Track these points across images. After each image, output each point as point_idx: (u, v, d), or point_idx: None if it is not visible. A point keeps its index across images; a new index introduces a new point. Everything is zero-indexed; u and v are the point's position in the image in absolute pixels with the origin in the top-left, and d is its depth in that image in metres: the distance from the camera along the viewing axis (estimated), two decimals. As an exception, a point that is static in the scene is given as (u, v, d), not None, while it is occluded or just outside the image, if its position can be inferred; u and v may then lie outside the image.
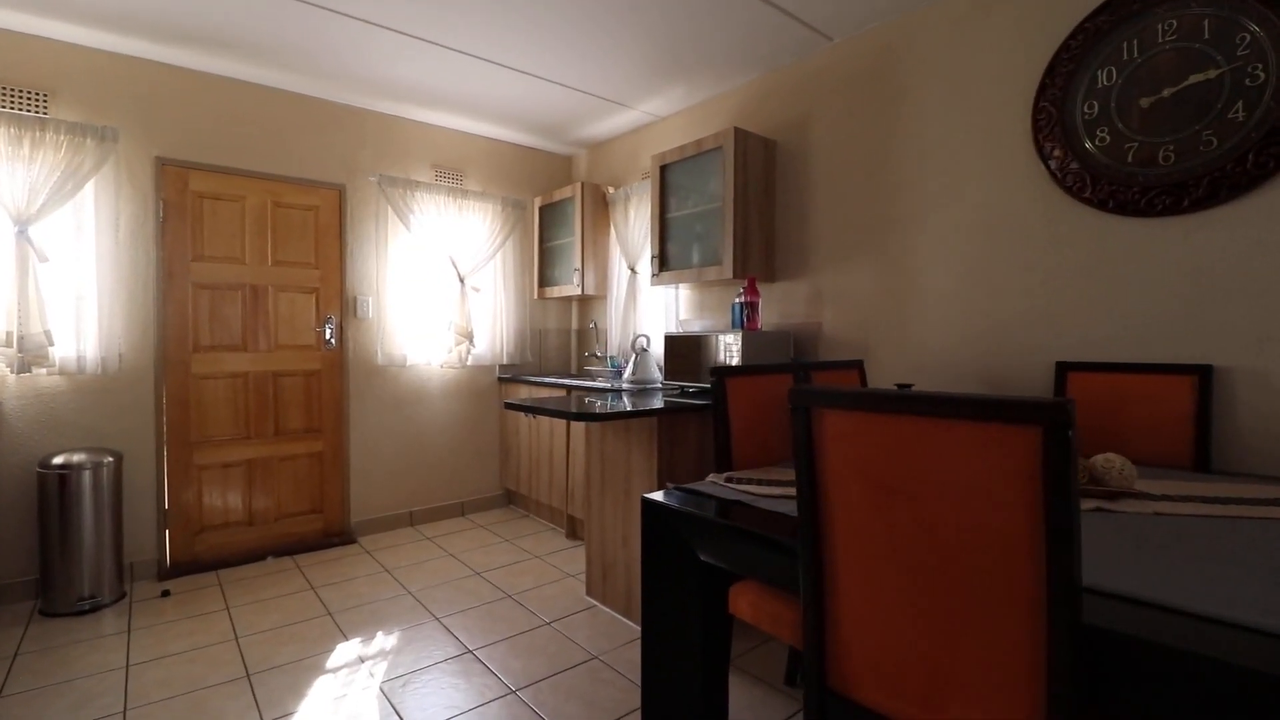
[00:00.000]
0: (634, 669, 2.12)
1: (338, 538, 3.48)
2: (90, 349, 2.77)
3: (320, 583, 2.89)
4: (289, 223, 3.35)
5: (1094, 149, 2.05)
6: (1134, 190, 1.97)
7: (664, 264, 3.21)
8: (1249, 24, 1.76)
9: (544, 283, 4.26)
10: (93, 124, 2.73)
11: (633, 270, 3.74)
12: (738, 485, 1.56)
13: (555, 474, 3.59)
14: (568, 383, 3.57)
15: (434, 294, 3.83)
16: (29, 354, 2.59)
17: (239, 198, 3.20)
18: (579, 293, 3.90)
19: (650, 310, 3.76)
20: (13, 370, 2.58)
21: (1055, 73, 2.13)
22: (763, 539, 1.24)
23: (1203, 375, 1.82)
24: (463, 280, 3.84)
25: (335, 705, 1.92)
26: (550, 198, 4.13)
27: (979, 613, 0.86)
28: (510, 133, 4.02)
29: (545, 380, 3.75)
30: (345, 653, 2.24)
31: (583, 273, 3.87)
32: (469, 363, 3.91)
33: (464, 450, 4.02)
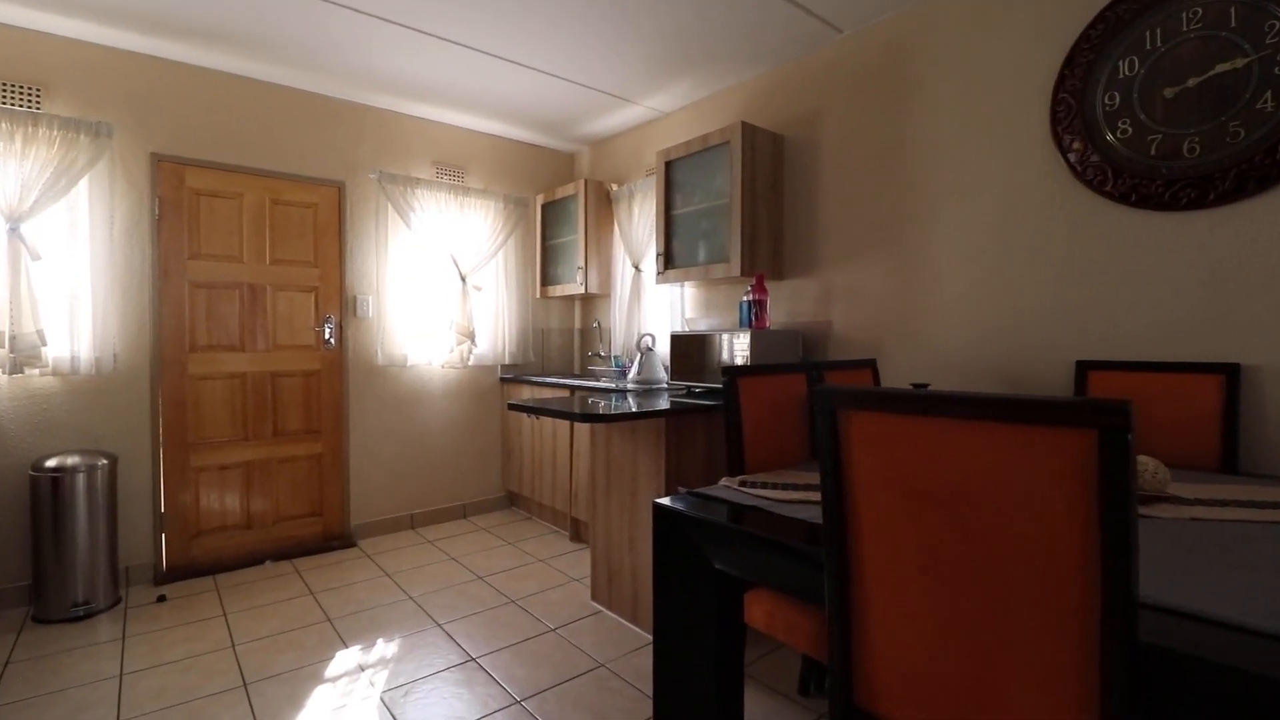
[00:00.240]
0: (642, 678, 2.06)
1: (337, 541, 3.42)
2: (84, 349, 2.71)
3: (319, 587, 2.83)
4: (287, 220, 3.29)
5: (1116, 141, 1.99)
6: (1157, 183, 1.91)
7: (669, 262, 3.15)
8: (1278, 11, 1.70)
9: (546, 281, 4.20)
10: (87, 119, 2.67)
11: (637, 268, 3.68)
12: (752, 489, 1.51)
13: (559, 476, 3.53)
14: (571, 383, 3.51)
15: (435, 293, 3.77)
16: (21, 354, 2.53)
17: (236, 195, 3.14)
18: (582, 291, 3.84)
19: (655, 309, 3.70)
20: (5, 371, 2.52)
21: (1074, 63, 2.07)
22: (782, 547, 1.18)
23: (1229, 374, 1.76)
24: (464, 279, 3.78)
25: (334, 716, 1.86)
26: (552, 195, 4.08)
27: (1023, 629, 0.80)
28: (512, 129, 3.97)
29: (548, 380, 3.69)
30: (345, 661, 2.18)
31: (586, 271, 3.81)
32: (470, 363, 3.85)
33: (465, 451, 3.96)
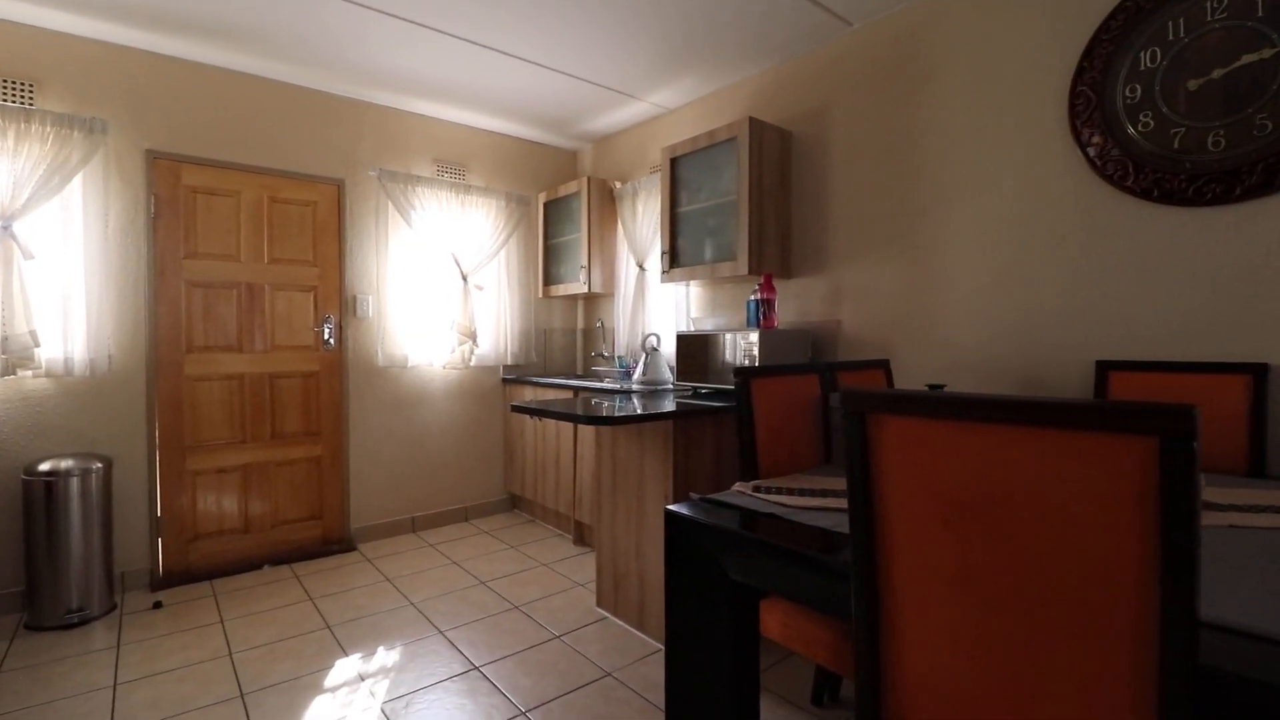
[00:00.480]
0: (650, 688, 2.00)
1: (337, 545, 3.36)
2: (78, 350, 2.65)
3: (318, 593, 2.78)
4: (286, 219, 3.23)
5: (1137, 135, 1.93)
6: (1181, 178, 1.86)
7: (675, 260, 3.09)
8: (1309, -1, 1.65)
9: (549, 281, 4.14)
10: (81, 115, 2.61)
11: (641, 267, 3.62)
12: (767, 495, 1.45)
13: (562, 478, 3.47)
14: (575, 384, 3.45)
15: (436, 292, 3.71)
16: (14, 355, 2.47)
17: (234, 193, 3.09)
18: (585, 291, 3.78)
19: (659, 308, 3.64)
20: (-4, 372, 2.47)
21: (1093, 55, 2.01)
22: (803, 557, 1.12)
23: (1257, 374, 1.71)
24: (465, 278, 3.73)
25: (334, 728, 1.81)
26: (555, 193, 4.02)
27: (1072, 649, 0.74)
28: (514, 126, 3.91)
29: (551, 381, 3.63)
30: (344, 670, 2.12)
31: (589, 270, 3.75)
32: (472, 363, 3.79)
33: (467, 454, 3.91)
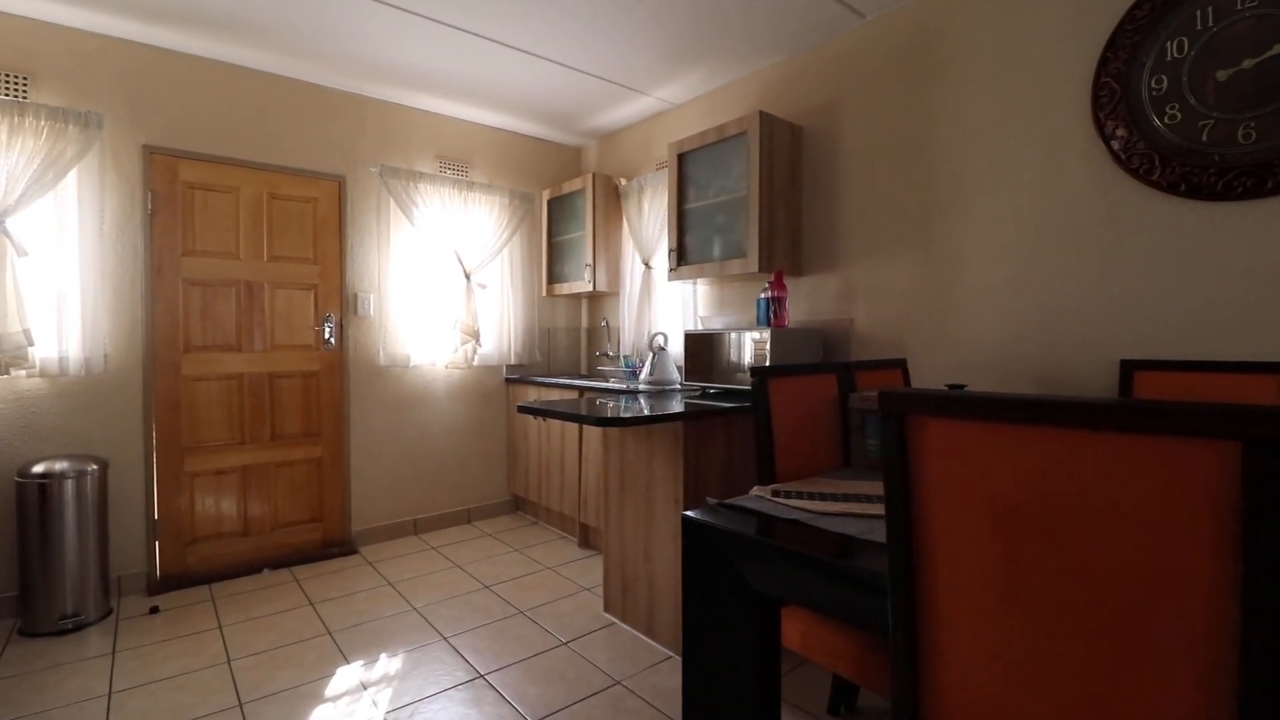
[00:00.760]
0: (661, 696, 1.94)
1: (338, 548, 3.30)
2: (73, 349, 2.59)
3: (319, 597, 2.72)
4: (286, 215, 3.17)
5: (1163, 127, 1.87)
6: (1210, 172, 1.80)
7: (682, 258, 3.03)
8: (1346, -15, 1.59)
9: (553, 279, 4.08)
10: (76, 109, 2.55)
11: (647, 265, 3.56)
12: (787, 500, 1.39)
13: (567, 480, 3.41)
14: (580, 384, 3.39)
15: (438, 291, 3.66)
16: (7, 355, 2.41)
17: (232, 189, 3.03)
18: (590, 289, 3.72)
19: (666, 307, 3.58)
20: (-11, 372, 2.41)
21: (1117, 45, 1.95)
22: (832, 568, 1.06)
23: (1291, 374, 1.65)
24: (468, 276, 3.67)
25: (335, 740, 1.75)
26: (559, 190, 3.96)
27: (1135, 672, 0.68)
28: (517, 122, 3.85)
29: (556, 381, 3.57)
30: (346, 678, 2.06)
31: (594, 268, 3.69)
32: (475, 363, 3.73)
33: (470, 455, 3.85)
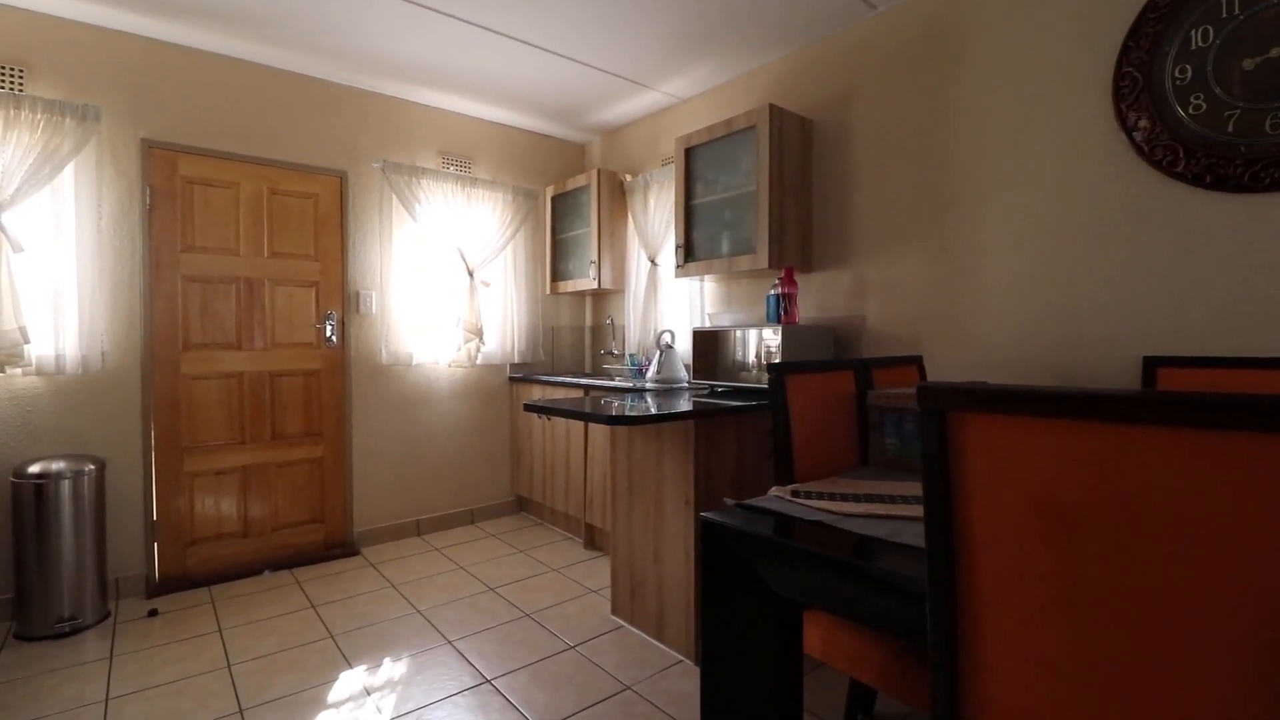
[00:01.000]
0: (672, 702, 1.89)
1: (339, 549, 3.25)
2: (70, 347, 2.54)
3: (321, 600, 2.67)
4: (286, 211, 3.13)
5: (1187, 118, 1.82)
6: (1236, 163, 1.75)
7: (689, 254, 2.99)
8: (1380, -31, 1.54)
9: (557, 276, 4.03)
10: (73, 102, 2.51)
11: (653, 262, 3.51)
12: (808, 501, 1.34)
13: (572, 480, 3.37)
14: (585, 382, 3.34)
15: (441, 288, 3.61)
16: (2, 353, 2.37)
17: (232, 184, 2.98)
18: (595, 287, 3.67)
19: (672, 304, 3.53)
20: (-16, 370, 2.37)
21: (1139, 34, 1.91)
22: (861, 572, 1.02)
23: (1322, 371, 1.60)
24: (471, 274, 3.62)
25: (339, 747, 1.70)
26: (563, 186, 3.91)
27: (1200, 687, 0.64)
28: (521, 117, 3.80)
29: (561, 380, 3.53)
30: (349, 683, 2.02)
31: (599, 265, 3.64)
32: (478, 361, 3.68)
33: (473, 454, 3.80)
